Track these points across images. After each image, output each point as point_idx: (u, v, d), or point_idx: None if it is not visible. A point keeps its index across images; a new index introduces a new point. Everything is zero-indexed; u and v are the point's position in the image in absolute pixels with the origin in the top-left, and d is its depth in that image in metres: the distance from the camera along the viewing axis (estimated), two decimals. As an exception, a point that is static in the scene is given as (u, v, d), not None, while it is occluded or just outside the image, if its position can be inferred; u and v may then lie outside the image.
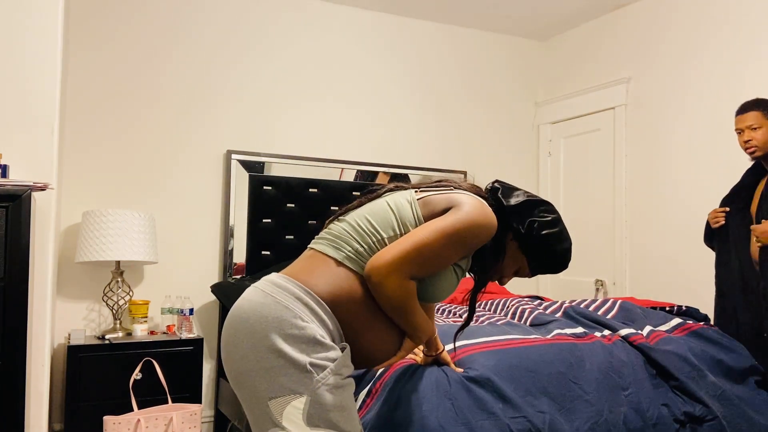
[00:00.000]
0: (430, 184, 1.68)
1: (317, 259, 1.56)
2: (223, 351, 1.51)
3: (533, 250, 1.64)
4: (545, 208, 1.66)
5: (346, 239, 1.56)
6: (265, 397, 1.41)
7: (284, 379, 1.40)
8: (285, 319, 1.43)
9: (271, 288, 1.48)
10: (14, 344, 2.38)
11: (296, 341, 1.41)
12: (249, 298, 1.49)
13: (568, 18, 4.56)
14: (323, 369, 1.41)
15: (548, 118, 4.86)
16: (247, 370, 1.43)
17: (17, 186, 2.41)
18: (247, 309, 1.46)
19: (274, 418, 1.39)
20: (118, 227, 3.29)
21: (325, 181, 4.12)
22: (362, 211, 1.61)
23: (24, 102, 2.62)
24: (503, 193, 1.68)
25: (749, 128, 2.73)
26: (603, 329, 2.39)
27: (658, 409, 2.09)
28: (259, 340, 1.42)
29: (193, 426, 3.17)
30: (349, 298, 1.50)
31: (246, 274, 3.88)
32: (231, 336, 1.48)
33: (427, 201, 1.59)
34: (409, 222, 1.55)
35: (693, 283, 3.64)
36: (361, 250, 1.53)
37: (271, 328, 1.42)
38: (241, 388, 1.46)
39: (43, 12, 2.66)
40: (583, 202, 4.52)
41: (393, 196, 1.63)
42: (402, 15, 4.54)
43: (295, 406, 1.39)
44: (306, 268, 1.54)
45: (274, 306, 1.44)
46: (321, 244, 1.60)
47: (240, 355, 1.44)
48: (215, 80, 3.97)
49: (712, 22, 3.70)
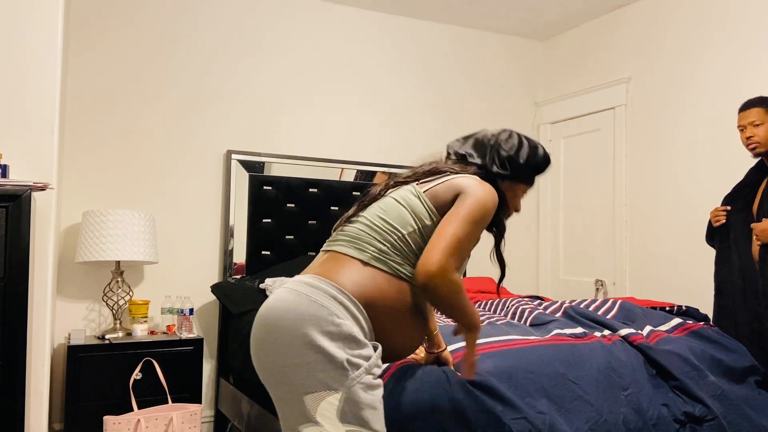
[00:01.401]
0: (424, 173, 1.72)
1: (341, 260, 1.58)
2: (257, 349, 1.51)
3: (519, 172, 1.75)
4: (494, 135, 1.77)
5: (367, 240, 1.59)
6: (300, 392, 1.43)
7: (321, 374, 1.42)
8: (322, 317, 1.45)
9: (304, 288, 1.50)
10: (14, 344, 2.38)
11: (334, 338, 1.44)
12: (283, 298, 1.50)
13: (568, 18, 4.56)
14: (358, 367, 1.44)
15: (548, 118, 4.86)
16: (284, 365, 1.44)
17: (17, 186, 2.41)
18: (283, 308, 1.48)
19: (308, 413, 1.42)
20: (118, 227, 3.29)
21: (325, 181, 4.12)
22: (373, 210, 1.64)
23: (24, 102, 2.62)
24: (470, 156, 1.76)
25: (751, 125, 2.74)
26: (603, 329, 2.38)
27: (658, 409, 2.09)
28: (297, 336, 1.44)
29: (193, 426, 3.17)
30: (379, 297, 1.53)
31: (246, 274, 3.88)
32: (266, 333, 1.49)
33: (433, 193, 1.63)
34: (423, 215, 1.60)
35: (693, 283, 3.64)
36: (384, 249, 1.57)
37: (309, 325, 1.44)
38: (276, 384, 1.48)
39: (43, 12, 2.66)
40: (583, 202, 4.52)
41: (398, 193, 1.66)
42: (402, 15, 4.54)
43: (330, 402, 1.41)
44: (334, 269, 1.56)
45: (309, 304, 1.46)
46: (341, 245, 1.61)
47: (277, 352, 1.46)
48: (215, 80, 3.97)
49: (712, 22, 3.70)
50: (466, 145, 1.79)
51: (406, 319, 1.58)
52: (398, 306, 1.56)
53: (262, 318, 1.52)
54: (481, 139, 1.78)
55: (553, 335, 2.28)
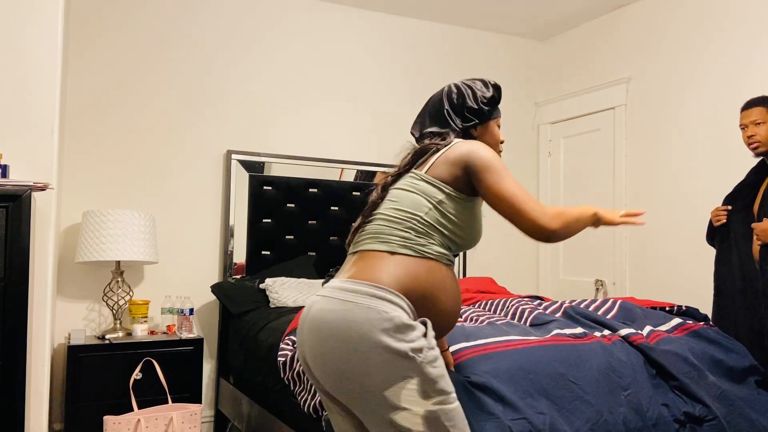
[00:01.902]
0: (413, 159, 1.77)
1: (369, 256, 1.65)
2: (320, 363, 1.57)
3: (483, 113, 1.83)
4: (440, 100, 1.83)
5: (388, 232, 1.66)
6: (379, 390, 1.50)
7: (393, 370, 1.50)
8: (374, 318, 1.51)
9: (344, 294, 1.56)
10: (14, 344, 2.39)
11: (391, 333, 1.51)
12: (329, 308, 1.55)
13: (568, 18, 4.56)
14: (421, 350, 1.52)
15: (548, 118, 4.86)
16: (355, 373, 1.51)
17: (17, 186, 2.41)
18: (334, 318, 1.53)
19: (393, 404, 1.50)
20: (118, 227, 3.29)
21: (325, 181, 4.12)
22: (385, 206, 1.72)
23: (24, 102, 2.62)
24: (439, 130, 1.82)
25: (753, 123, 2.74)
26: (603, 329, 2.38)
27: (658, 409, 2.08)
28: (358, 342, 1.50)
29: (193, 426, 3.17)
30: (413, 280, 1.61)
31: (246, 274, 3.88)
32: (326, 347, 1.54)
33: (433, 170, 1.70)
34: (434, 193, 1.67)
35: (693, 283, 3.64)
36: (406, 235, 1.65)
37: (366, 329, 1.50)
38: (348, 389, 1.54)
39: (43, 12, 2.66)
40: (583, 202, 4.52)
41: (401, 183, 1.74)
42: (402, 15, 4.54)
43: (409, 388, 1.50)
44: (365, 267, 1.62)
45: (357, 310, 1.53)
46: (365, 244, 1.69)
47: (344, 362, 1.52)
48: (215, 80, 3.97)
49: (712, 22, 3.70)
50: (426, 124, 1.85)
51: (440, 293, 1.65)
52: (430, 284, 1.63)
53: (315, 333, 1.57)
54: (434, 112, 1.84)
55: (553, 335, 2.27)
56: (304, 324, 1.61)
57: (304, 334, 1.61)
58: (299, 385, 2.45)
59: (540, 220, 1.61)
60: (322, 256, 4.05)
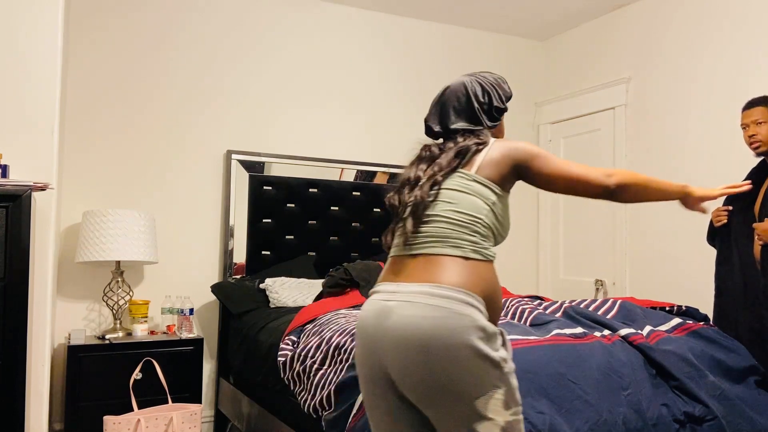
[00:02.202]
0: (456, 158, 1.75)
1: (442, 261, 1.60)
2: (411, 371, 1.52)
3: (504, 110, 1.89)
4: (464, 95, 1.83)
5: (457, 236, 1.63)
6: (471, 398, 1.49)
7: (487, 378, 1.50)
8: (469, 325, 1.50)
9: (435, 300, 1.53)
10: (14, 344, 2.39)
11: (485, 341, 1.51)
12: (422, 314, 1.51)
13: (568, 18, 4.56)
14: (506, 360, 1.54)
15: (548, 118, 4.86)
16: (452, 380, 1.49)
17: (17, 186, 2.41)
18: (430, 326, 1.50)
19: (481, 413, 1.49)
20: (118, 227, 3.29)
21: (325, 181, 4.12)
22: (441, 207, 1.67)
23: (24, 102, 2.62)
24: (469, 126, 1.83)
25: (754, 123, 2.74)
26: (603, 329, 2.38)
27: (657, 410, 2.09)
28: (457, 349, 1.48)
29: (193, 426, 3.17)
30: (486, 285, 1.61)
31: (246, 274, 3.88)
32: (422, 354, 1.50)
33: (482, 170, 1.71)
34: (487, 194, 1.68)
35: (693, 283, 3.64)
36: (474, 239, 1.63)
37: (465, 337, 1.49)
38: (441, 397, 1.51)
39: (43, 13, 2.66)
40: (583, 202, 4.52)
41: (454, 183, 1.70)
42: (402, 15, 4.54)
43: (497, 398, 1.51)
44: (443, 272, 1.58)
45: (453, 316, 1.50)
46: (431, 247, 1.63)
47: (441, 370, 1.49)
48: (215, 80, 3.97)
49: (712, 22, 3.70)
50: (451, 119, 1.84)
51: (497, 295, 1.66)
52: (493, 287, 1.64)
53: (405, 340, 1.51)
54: (459, 108, 1.83)
55: (552, 335, 2.28)
56: (381, 329, 1.55)
57: (385, 341, 1.54)
58: (299, 385, 2.45)
59: (596, 180, 1.68)
60: (322, 256, 4.05)
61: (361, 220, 4.18)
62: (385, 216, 4.24)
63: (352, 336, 2.30)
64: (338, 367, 2.26)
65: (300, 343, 2.64)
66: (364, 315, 1.62)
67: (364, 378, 1.65)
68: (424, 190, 1.70)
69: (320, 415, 2.25)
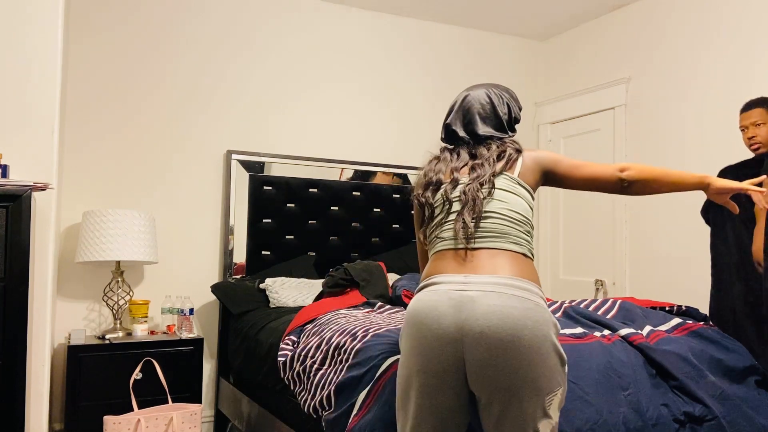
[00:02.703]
0: (496, 160, 1.80)
1: (507, 256, 1.66)
2: (496, 360, 1.50)
3: (518, 123, 2.00)
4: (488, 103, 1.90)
5: (516, 234, 1.70)
6: (544, 393, 1.53)
7: (558, 374, 1.56)
8: (550, 319, 1.55)
9: (519, 292, 1.56)
10: (14, 344, 2.39)
11: (557, 337, 1.57)
12: (511, 305, 1.53)
13: (568, 18, 4.56)
14: (566, 360, 1.61)
15: (548, 118, 4.86)
16: (536, 372, 1.51)
17: (17, 186, 2.41)
18: (520, 315, 1.52)
19: (545, 409, 1.53)
20: (118, 227, 3.29)
21: (325, 181, 4.12)
22: (496, 205, 1.72)
23: (24, 102, 2.62)
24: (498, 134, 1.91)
25: (753, 125, 2.74)
26: (603, 329, 2.38)
27: (657, 409, 2.09)
28: (542, 342, 1.52)
29: (193, 426, 3.17)
30: (538, 282, 1.67)
31: (246, 274, 3.88)
32: (510, 343, 1.50)
33: (522, 175, 1.81)
34: (529, 198, 1.79)
35: (693, 283, 3.64)
36: (527, 238, 1.74)
37: (546, 330, 1.53)
38: (520, 388, 1.51)
39: (43, 12, 2.66)
40: (583, 202, 4.52)
41: (502, 183, 1.77)
42: (402, 15, 4.54)
43: (558, 396, 1.56)
44: (512, 266, 1.64)
45: (538, 309, 1.54)
46: (494, 241, 1.68)
47: (529, 360, 1.51)
48: (215, 80, 3.97)
49: (711, 22, 3.70)
50: (479, 126, 1.89)
51: None
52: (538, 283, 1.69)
53: (498, 328, 1.50)
54: (484, 115, 1.90)
55: (553, 335, 2.28)
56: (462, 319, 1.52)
57: (467, 329, 1.51)
58: (299, 385, 2.45)
59: (612, 176, 1.79)
60: (322, 256, 4.05)
61: (361, 220, 4.18)
62: (385, 216, 4.24)
63: (352, 336, 2.30)
64: (338, 367, 2.26)
65: (300, 343, 2.64)
66: (432, 304, 1.57)
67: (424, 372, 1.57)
68: (476, 186, 1.74)
69: (320, 415, 2.25)
